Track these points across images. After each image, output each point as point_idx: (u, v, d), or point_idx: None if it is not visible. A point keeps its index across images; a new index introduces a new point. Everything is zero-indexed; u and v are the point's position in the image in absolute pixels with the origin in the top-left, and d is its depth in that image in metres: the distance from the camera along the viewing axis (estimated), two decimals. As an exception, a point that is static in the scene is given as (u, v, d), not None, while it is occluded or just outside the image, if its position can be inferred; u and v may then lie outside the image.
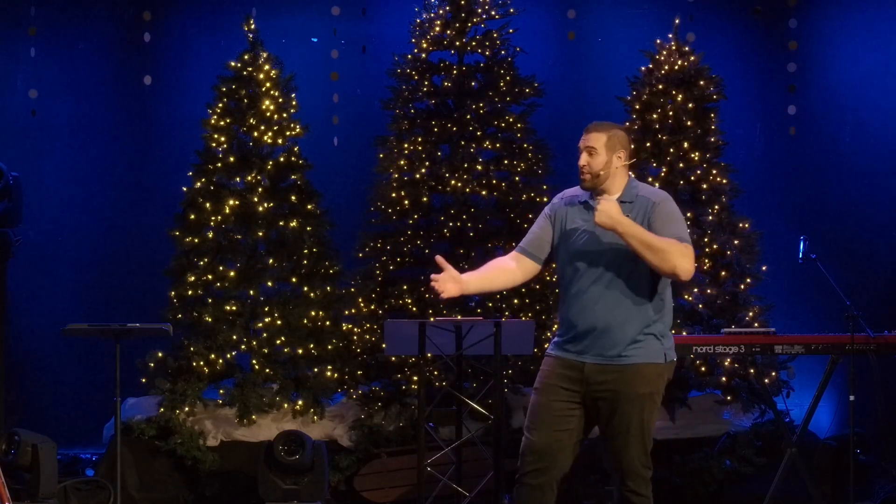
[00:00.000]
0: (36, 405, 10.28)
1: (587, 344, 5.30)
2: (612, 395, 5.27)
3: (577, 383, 5.30)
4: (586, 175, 5.43)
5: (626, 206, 5.36)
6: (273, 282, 9.39)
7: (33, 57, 10.70)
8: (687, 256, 5.20)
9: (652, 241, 5.18)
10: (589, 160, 5.45)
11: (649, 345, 5.30)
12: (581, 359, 5.30)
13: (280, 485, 8.52)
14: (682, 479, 8.83)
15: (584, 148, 5.49)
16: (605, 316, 5.28)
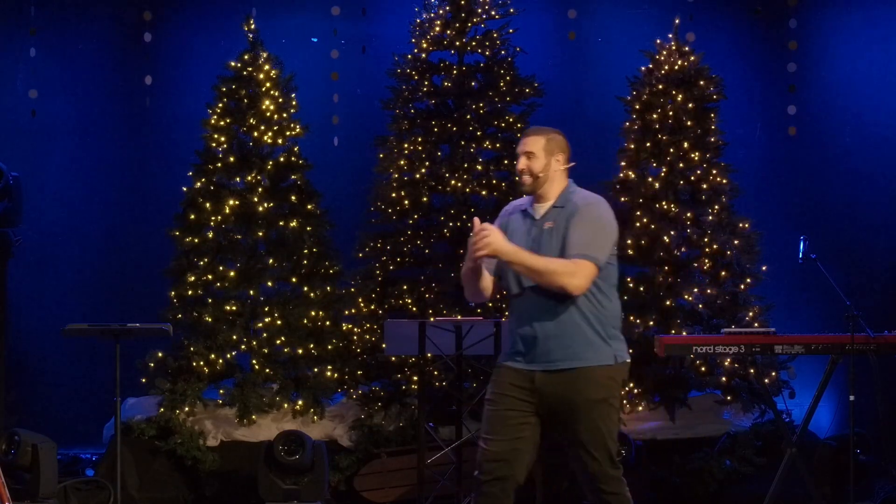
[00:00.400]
0: (36, 405, 10.28)
1: (534, 353, 5.29)
2: (566, 403, 5.27)
3: (530, 393, 5.30)
4: (525, 178, 5.41)
5: (557, 210, 5.38)
6: (273, 282, 9.39)
7: (33, 57, 10.70)
8: (574, 274, 5.22)
9: (536, 265, 5.20)
10: (527, 164, 5.43)
11: (596, 348, 5.30)
12: (530, 368, 5.30)
13: (280, 485, 8.52)
14: (682, 479, 8.83)
15: (522, 152, 5.46)
16: (547, 323, 5.28)
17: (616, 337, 5.39)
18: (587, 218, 5.37)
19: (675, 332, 9.03)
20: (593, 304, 5.34)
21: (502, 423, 5.30)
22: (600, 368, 5.29)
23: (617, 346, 5.37)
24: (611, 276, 5.45)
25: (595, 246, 5.33)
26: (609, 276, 5.44)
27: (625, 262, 9.45)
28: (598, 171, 9.86)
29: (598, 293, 5.36)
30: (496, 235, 5.21)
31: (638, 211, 9.35)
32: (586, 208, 5.39)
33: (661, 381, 9.19)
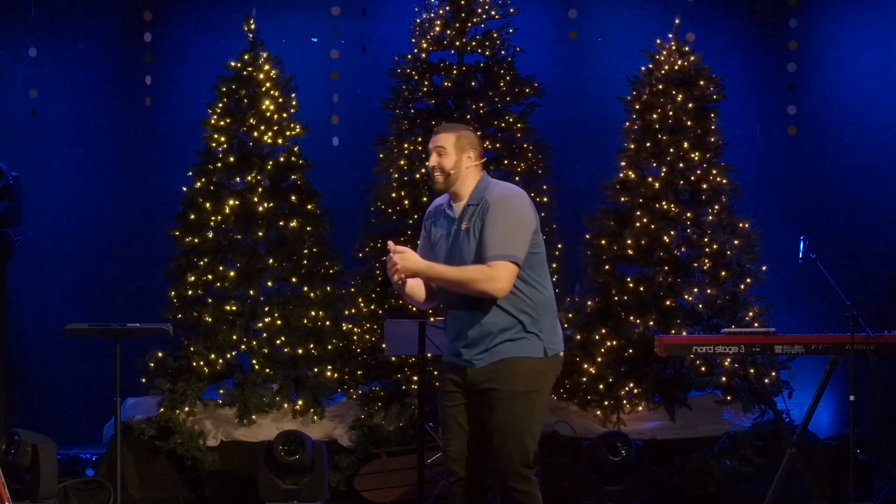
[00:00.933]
0: (36, 405, 10.28)
1: (463, 347, 5.31)
2: (490, 394, 5.28)
3: (462, 385, 5.35)
4: (437, 175, 5.38)
5: (472, 208, 5.34)
6: (273, 282, 9.39)
7: (33, 57, 10.70)
8: (493, 278, 5.18)
9: (452, 277, 5.22)
10: (438, 160, 5.38)
11: (523, 341, 5.28)
12: (462, 362, 5.34)
13: (280, 485, 8.52)
14: (682, 479, 8.83)
15: (433, 148, 5.41)
16: (474, 318, 5.28)
17: (547, 330, 5.34)
18: (499, 214, 5.26)
19: (675, 332, 9.03)
20: (520, 297, 5.29)
21: (454, 420, 5.36)
22: (527, 360, 5.27)
23: (548, 338, 5.33)
24: (537, 266, 5.34)
25: (511, 244, 5.22)
26: (535, 266, 5.33)
27: (625, 262, 9.47)
28: (598, 171, 9.88)
29: (524, 286, 5.29)
30: (408, 257, 5.26)
31: (638, 211, 9.35)
32: (497, 204, 5.28)
33: (661, 381, 9.19)
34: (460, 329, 5.33)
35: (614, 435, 8.59)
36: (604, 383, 9.19)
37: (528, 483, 5.28)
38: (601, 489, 8.47)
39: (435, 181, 5.41)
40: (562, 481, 8.75)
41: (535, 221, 5.33)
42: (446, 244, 5.36)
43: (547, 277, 5.40)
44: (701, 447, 8.93)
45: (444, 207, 5.45)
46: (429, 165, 5.42)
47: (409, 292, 5.43)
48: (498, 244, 5.20)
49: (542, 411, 5.36)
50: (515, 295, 5.27)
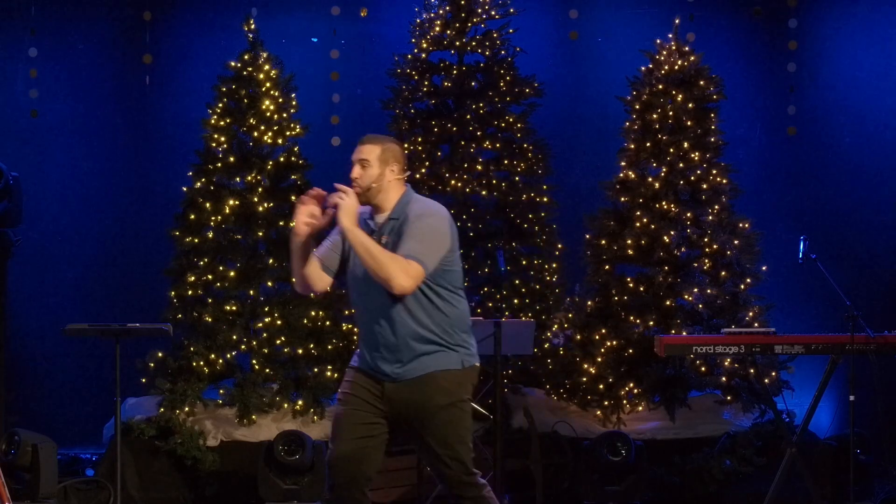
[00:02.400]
0: (36, 405, 10.28)
1: (380, 361, 5.29)
2: (415, 411, 5.28)
3: (380, 400, 5.31)
4: (357, 189, 5.32)
5: (393, 223, 5.31)
6: (273, 282, 9.39)
7: (33, 57, 10.70)
8: (405, 272, 5.14)
9: (373, 248, 5.16)
10: (361, 173, 5.34)
11: (441, 355, 5.28)
12: (379, 376, 5.31)
13: (280, 485, 8.52)
14: (682, 479, 8.83)
15: (356, 160, 5.37)
16: (388, 332, 5.26)
17: (463, 342, 5.34)
18: (416, 228, 5.24)
19: (675, 332, 9.03)
20: (435, 312, 5.28)
21: (350, 423, 5.33)
22: (447, 374, 5.28)
23: (463, 351, 5.34)
24: (454, 281, 5.33)
25: (423, 252, 5.19)
26: (453, 281, 5.32)
27: (625, 262, 9.47)
28: (598, 171, 9.88)
29: (439, 301, 5.28)
30: (353, 201, 5.14)
31: (638, 211, 9.35)
32: (416, 219, 5.26)
33: (661, 381, 9.19)
34: (377, 342, 5.28)
35: (614, 435, 8.59)
36: (604, 383, 9.19)
37: (476, 488, 5.35)
38: (601, 489, 8.47)
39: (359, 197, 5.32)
40: (562, 481, 8.75)
41: (451, 239, 5.30)
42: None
43: (462, 293, 5.40)
44: (701, 447, 8.93)
45: (365, 217, 5.39)
46: (351, 177, 5.34)
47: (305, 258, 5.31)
48: (411, 248, 5.18)
49: (469, 418, 5.39)
50: (433, 310, 5.26)
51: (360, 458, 5.33)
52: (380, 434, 5.36)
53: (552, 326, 9.38)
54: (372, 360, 5.31)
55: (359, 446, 5.32)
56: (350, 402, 5.33)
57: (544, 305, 9.49)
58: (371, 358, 5.32)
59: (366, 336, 5.34)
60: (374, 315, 5.28)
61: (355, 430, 5.32)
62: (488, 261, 9.45)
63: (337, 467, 5.34)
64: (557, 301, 9.52)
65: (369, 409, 5.32)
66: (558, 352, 9.38)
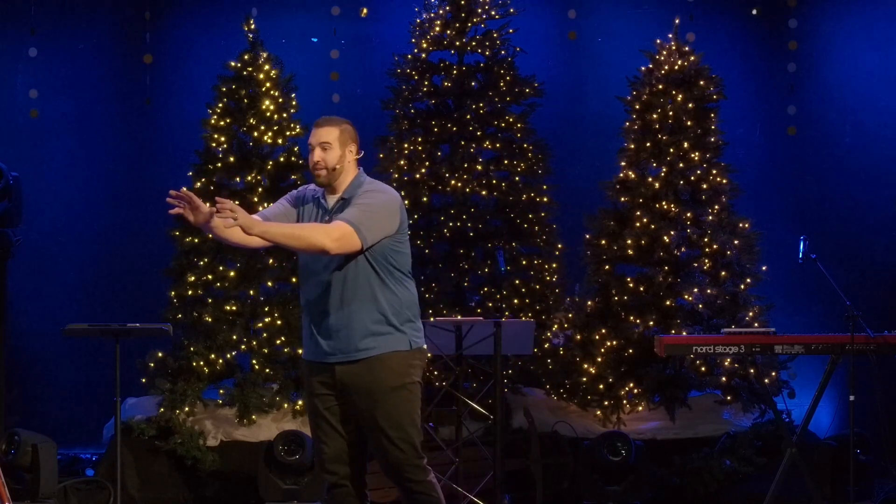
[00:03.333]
0: (36, 405, 10.28)
1: (329, 344, 5.30)
2: (365, 392, 5.28)
3: (332, 386, 5.33)
4: (321, 171, 5.33)
5: (344, 202, 5.33)
6: (273, 282, 9.39)
7: (33, 57, 10.70)
8: (327, 234, 5.13)
9: (288, 231, 5.15)
10: (323, 155, 5.35)
11: (390, 336, 5.30)
12: (328, 360, 5.32)
13: (280, 485, 8.52)
14: (682, 479, 8.83)
15: (317, 144, 5.37)
16: (339, 314, 5.27)
17: (411, 324, 5.37)
18: (360, 199, 5.30)
19: (675, 332, 9.03)
20: (386, 293, 5.30)
21: (326, 421, 5.35)
22: (396, 355, 5.30)
23: (412, 333, 5.36)
24: (403, 265, 5.37)
25: (360, 220, 5.21)
26: (402, 265, 5.37)
27: (625, 262, 9.47)
28: (598, 171, 9.88)
29: (391, 282, 5.31)
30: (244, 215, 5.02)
31: (638, 211, 9.35)
32: (364, 194, 5.32)
33: (661, 381, 9.19)
34: (326, 326, 5.29)
35: (614, 435, 8.59)
36: (604, 383, 9.19)
37: (423, 472, 5.34)
38: (601, 489, 8.47)
39: (318, 176, 5.34)
40: (562, 481, 8.75)
41: (400, 220, 5.33)
42: None
43: (412, 277, 5.43)
44: (701, 447, 8.93)
45: (318, 195, 5.42)
46: (312, 161, 5.35)
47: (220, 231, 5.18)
48: (349, 215, 5.21)
49: (419, 401, 5.40)
50: (384, 292, 5.29)
51: (353, 454, 5.36)
52: (356, 425, 5.37)
53: (552, 326, 9.38)
54: (318, 346, 5.31)
55: (349, 442, 5.35)
56: (322, 400, 5.36)
57: (544, 305, 9.49)
58: (318, 343, 5.32)
59: (313, 320, 5.33)
60: (323, 296, 5.29)
61: (334, 428, 5.35)
62: (488, 261, 9.46)
63: (331, 467, 5.36)
64: (557, 301, 9.52)
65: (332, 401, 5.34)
66: (558, 352, 9.38)
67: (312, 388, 5.38)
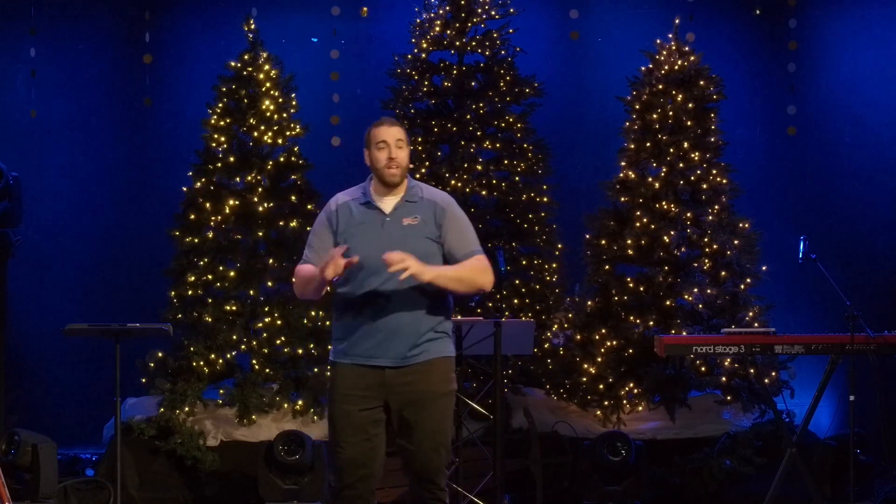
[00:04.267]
0: (36, 405, 10.28)
1: (382, 347, 5.25)
2: (417, 396, 5.25)
3: (378, 388, 5.26)
4: (396, 169, 5.32)
5: (411, 206, 5.33)
6: (273, 282, 9.39)
7: (33, 57, 10.70)
8: (487, 271, 5.28)
9: (461, 275, 5.24)
10: (399, 153, 5.34)
11: (439, 340, 5.32)
12: (377, 363, 5.25)
13: (280, 485, 8.52)
14: (682, 479, 8.83)
15: (393, 141, 5.35)
16: (397, 316, 5.24)
17: (450, 332, 5.42)
18: (459, 216, 5.37)
19: (675, 332, 9.03)
20: (438, 299, 5.32)
21: (352, 424, 5.27)
22: (445, 360, 5.32)
23: (451, 339, 5.42)
24: None
25: (476, 240, 5.37)
26: None
27: (625, 262, 9.47)
28: (598, 171, 9.88)
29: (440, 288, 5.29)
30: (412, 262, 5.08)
31: (638, 211, 9.35)
32: (451, 207, 5.37)
33: (661, 381, 9.19)
34: (381, 328, 5.23)
35: (614, 435, 8.59)
36: (604, 383, 9.19)
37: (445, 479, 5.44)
38: (601, 489, 8.47)
39: (393, 175, 5.32)
40: (562, 481, 8.75)
41: None
42: (379, 237, 5.26)
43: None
44: (701, 447, 8.93)
45: (361, 199, 5.37)
46: (390, 158, 5.33)
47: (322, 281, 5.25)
48: (472, 241, 5.32)
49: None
50: (436, 296, 5.29)
51: (370, 459, 5.32)
52: (382, 430, 5.34)
53: (552, 326, 9.38)
54: (368, 348, 5.26)
55: (368, 447, 5.30)
56: (350, 400, 5.28)
57: (544, 305, 9.49)
58: (367, 345, 5.26)
59: (368, 320, 5.25)
60: (381, 301, 5.24)
61: (359, 433, 5.28)
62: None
63: (347, 470, 5.31)
64: (557, 301, 9.52)
65: (368, 404, 5.28)
66: (558, 352, 9.38)
67: (345, 388, 5.28)
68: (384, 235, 5.27)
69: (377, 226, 5.31)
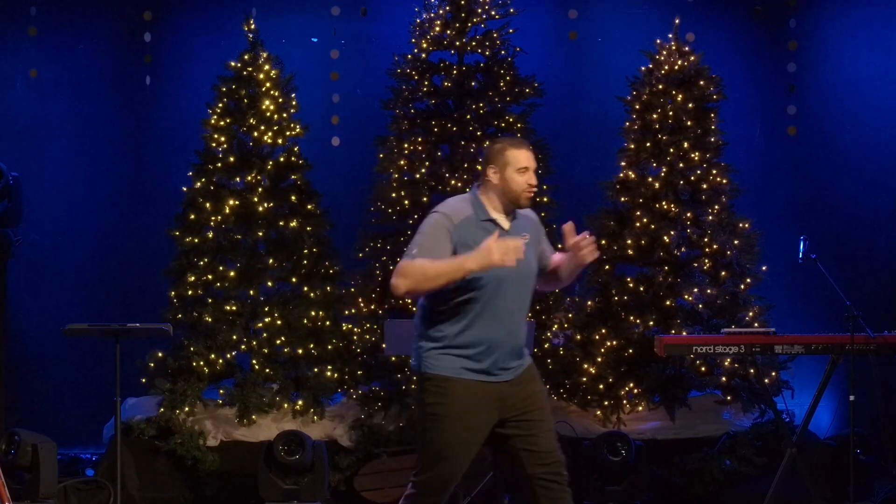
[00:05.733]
0: (36, 405, 10.28)
1: (504, 361, 5.22)
2: (529, 400, 5.25)
3: (496, 404, 5.21)
4: (531, 194, 5.34)
5: (518, 223, 5.33)
6: (273, 282, 9.39)
7: (33, 57, 10.69)
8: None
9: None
10: (535, 179, 5.37)
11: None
12: (497, 379, 5.21)
13: (280, 485, 8.52)
14: (682, 479, 8.83)
15: (531, 168, 5.37)
16: (519, 331, 5.28)
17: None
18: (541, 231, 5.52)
19: (675, 332, 9.03)
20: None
21: (470, 445, 5.22)
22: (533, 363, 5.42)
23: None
24: None
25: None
26: None
27: (625, 262, 9.47)
28: (598, 171, 9.88)
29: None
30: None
31: (638, 211, 9.35)
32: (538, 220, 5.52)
33: (661, 381, 9.19)
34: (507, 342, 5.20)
35: (614, 435, 8.59)
36: (604, 383, 9.19)
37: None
38: (601, 489, 8.47)
39: (528, 200, 5.32)
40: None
41: None
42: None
43: None
44: (701, 447, 8.93)
45: (479, 217, 5.25)
46: (531, 184, 5.31)
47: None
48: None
49: None
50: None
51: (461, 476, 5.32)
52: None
53: (552, 326, 9.38)
54: (493, 363, 5.19)
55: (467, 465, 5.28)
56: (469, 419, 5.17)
57: (544, 305, 9.49)
58: (493, 360, 5.19)
59: (496, 336, 5.18)
60: (511, 316, 5.21)
61: (471, 453, 5.23)
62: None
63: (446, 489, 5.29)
64: (557, 301, 9.52)
65: (486, 422, 5.21)
66: (558, 352, 9.38)
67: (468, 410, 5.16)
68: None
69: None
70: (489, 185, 5.29)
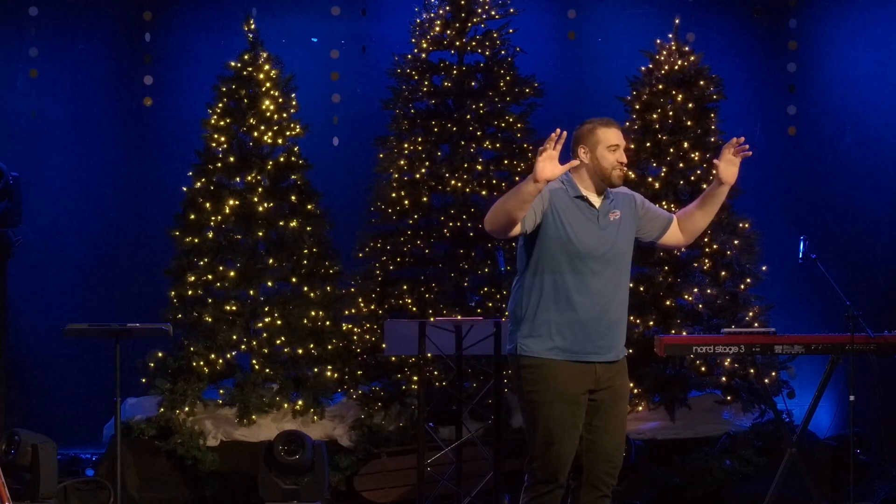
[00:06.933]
0: (36, 405, 10.27)
1: (599, 344, 5.18)
2: (613, 392, 5.23)
3: (591, 385, 5.20)
4: (622, 172, 5.30)
5: (609, 202, 5.31)
6: (273, 282, 9.39)
7: (33, 57, 10.69)
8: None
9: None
10: (624, 157, 5.33)
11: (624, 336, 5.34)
12: (591, 359, 5.18)
13: (280, 485, 8.52)
14: (682, 479, 8.83)
15: (622, 147, 5.32)
16: (616, 314, 5.23)
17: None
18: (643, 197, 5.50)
19: (675, 332, 9.03)
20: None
21: (577, 428, 5.20)
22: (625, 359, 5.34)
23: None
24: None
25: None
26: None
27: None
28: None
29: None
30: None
31: (638, 211, 9.34)
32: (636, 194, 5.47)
33: (661, 381, 9.19)
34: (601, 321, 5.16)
35: (614, 435, 8.57)
36: (604, 383, 9.18)
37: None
38: (601, 489, 8.45)
39: (620, 178, 5.29)
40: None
41: None
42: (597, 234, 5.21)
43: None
44: (701, 447, 8.93)
45: (570, 193, 5.24)
46: (621, 161, 5.28)
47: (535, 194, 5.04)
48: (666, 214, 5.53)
49: None
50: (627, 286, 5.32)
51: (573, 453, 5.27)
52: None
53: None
54: (585, 343, 5.16)
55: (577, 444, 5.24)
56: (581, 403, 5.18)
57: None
58: (586, 340, 5.16)
59: (591, 317, 5.15)
60: (601, 296, 5.18)
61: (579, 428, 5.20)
62: (488, 261, 9.45)
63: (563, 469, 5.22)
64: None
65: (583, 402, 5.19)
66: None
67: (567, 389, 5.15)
68: (601, 233, 5.22)
69: (593, 220, 5.24)
70: (580, 165, 5.28)
